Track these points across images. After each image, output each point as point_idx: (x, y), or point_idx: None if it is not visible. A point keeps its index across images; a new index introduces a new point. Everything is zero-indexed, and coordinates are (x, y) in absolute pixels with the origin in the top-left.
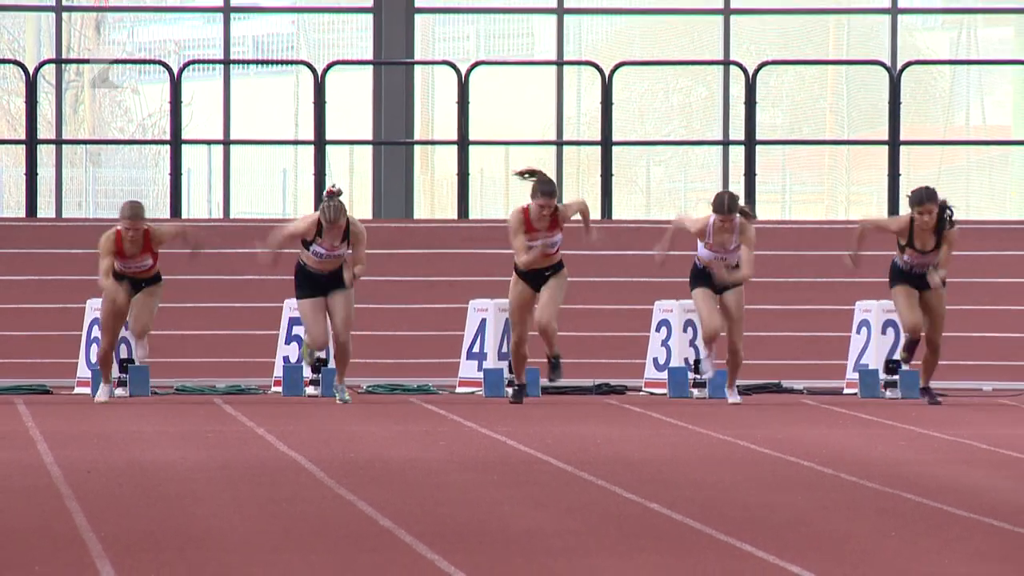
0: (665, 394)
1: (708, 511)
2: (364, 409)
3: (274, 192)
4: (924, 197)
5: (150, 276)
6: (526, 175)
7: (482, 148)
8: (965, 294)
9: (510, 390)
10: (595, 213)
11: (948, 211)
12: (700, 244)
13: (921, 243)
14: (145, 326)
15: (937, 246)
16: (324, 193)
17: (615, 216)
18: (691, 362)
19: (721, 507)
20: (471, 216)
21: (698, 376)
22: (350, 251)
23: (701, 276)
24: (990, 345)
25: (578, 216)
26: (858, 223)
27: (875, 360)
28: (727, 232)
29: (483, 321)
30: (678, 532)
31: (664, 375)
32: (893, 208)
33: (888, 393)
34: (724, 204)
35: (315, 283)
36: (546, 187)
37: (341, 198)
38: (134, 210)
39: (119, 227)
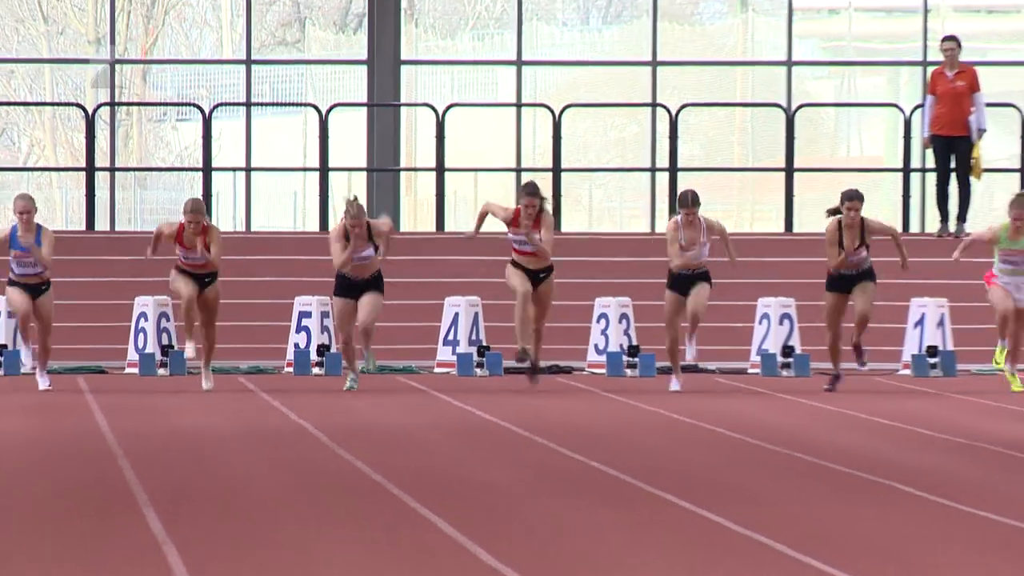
0: (604, 373)
1: (638, 467)
2: (359, 385)
3: (286, 210)
4: (853, 195)
5: (208, 271)
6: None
7: (456, 174)
8: None
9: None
10: None
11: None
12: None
13: (848, 241)
14: (212, 312)
15: (862, 243)
16: (345, 202)
17: (564, 229)
18: (625, 348)
19: (649, 464)
20: (447, 229)
21: (631, 358)
22: (376, 254)
23: (675, 281)
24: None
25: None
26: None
27: (774, 345)
28: (693, 228)
29: (456, 314)
30: (614, 484)
31: (603, 358)
32: (788, 223)
33: (784, 372)
34: (688, 199)
35: (351, 287)
36: (530, 188)
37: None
38: (196, 205)
39: (182, 220)
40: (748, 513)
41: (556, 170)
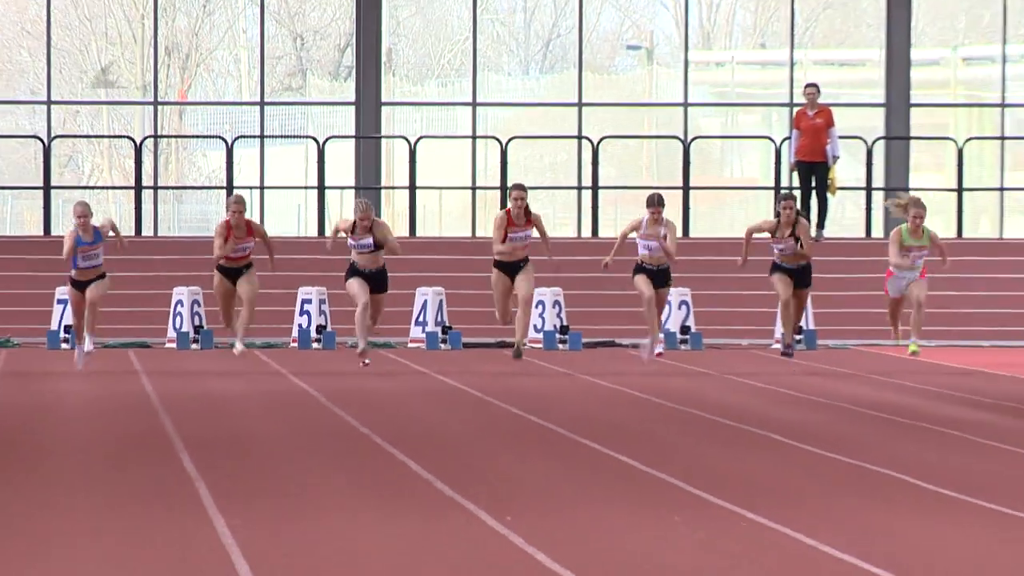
0: (540, 347)
1: (567, 420)
2: (348, 356)
3: (292, 219)
4: (788, 196)
5: (247, 262)
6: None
7: (424, 191)
8: (730, 283)
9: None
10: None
11: (800, 211)
12: (639, 241)
13: (782, 233)
14: (251, 298)
15: (792, 234)
16: (356, 201)
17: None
18: (558, 328)
19: (574, 418)
20: (417, 234)
21: (562, 336)
22: (380, 250)
23: (640, 269)
24: (744, 316)
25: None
26: (745, 232)
27: (674, 325)
28: (657, 224)
29: (425, 301)
30: (550, 434)
31: (540, 335)
32: (685, 230)
33: (682, 347)
34: (654, 200)
35: (360, 276)
36: (518, 185)
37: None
38: (238, 197)
39: (227, 217)
40: (653, 457)
41: (503, 188)
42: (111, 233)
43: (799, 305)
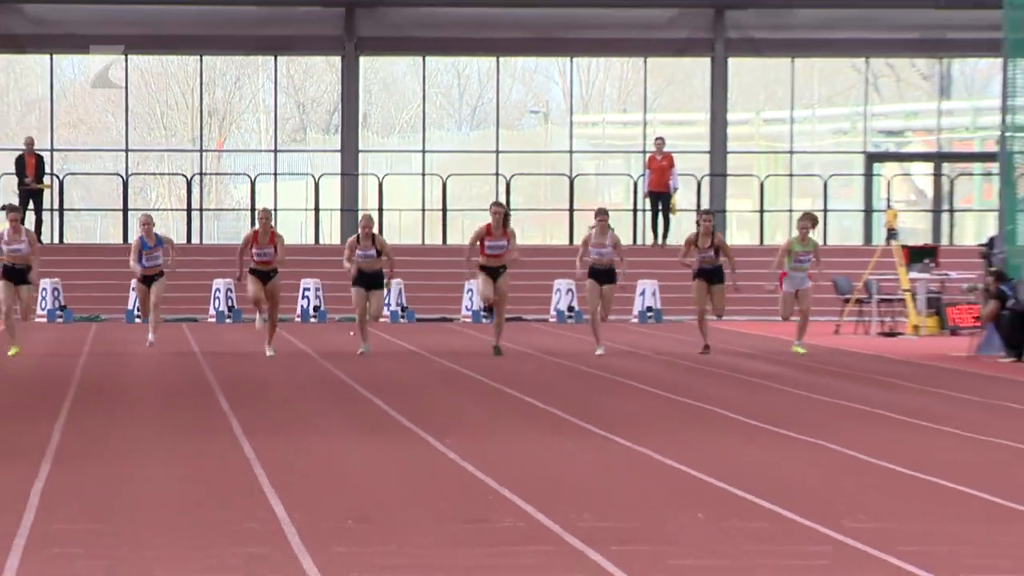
0: (470, 321)
1: (490, 372)
2: (338, 329)
3: (296, 233)
4: (707, 211)
5: (273, 268)
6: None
7: (390, 212)
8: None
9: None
10: (438, 240)
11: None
12: (591, 249)
13: (702, 243)
14: (275, 297)
15: (712, 244)
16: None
17: (450, 243)
18: (483, 308)
19: (495, 370)
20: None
21: (486, 316)
22: (382, 257)
23: (592, 274)
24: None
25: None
26: (678, 260)
27: (564, 304)
28: (603, 233)
29: (389, 289)
30: (478, 383)
31: (470, 313)
32: (571, 238)
33: (569, 320)
34: (601, 211)
35: (363, 278)
36: (497, 201)
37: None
38: (266, 208)
39: (255, 229)
40: (550, 398)
41: (444, 211)
42: (169, 250)
43: (717, 301)
